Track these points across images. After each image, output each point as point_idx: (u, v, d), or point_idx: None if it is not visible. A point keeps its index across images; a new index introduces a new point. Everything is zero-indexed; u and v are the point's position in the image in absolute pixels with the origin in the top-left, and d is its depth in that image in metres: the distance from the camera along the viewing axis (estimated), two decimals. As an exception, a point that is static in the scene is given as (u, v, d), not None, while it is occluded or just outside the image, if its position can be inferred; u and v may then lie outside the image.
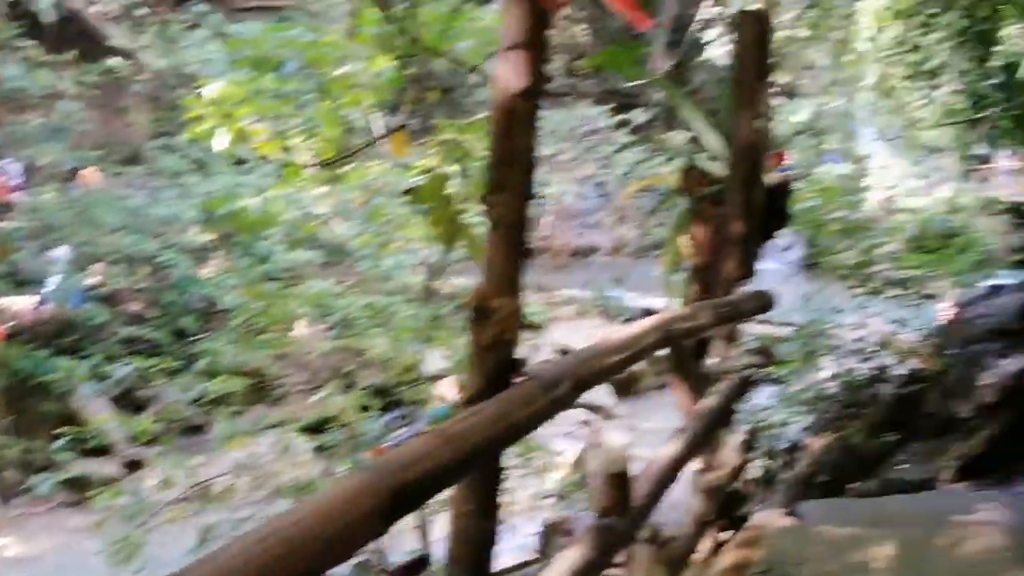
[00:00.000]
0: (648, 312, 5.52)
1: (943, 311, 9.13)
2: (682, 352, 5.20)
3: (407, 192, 6.50)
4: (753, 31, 4.91)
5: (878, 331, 9.42)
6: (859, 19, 12.84)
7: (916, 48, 11.15)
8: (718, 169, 5.31)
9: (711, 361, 5.16)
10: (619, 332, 3.03)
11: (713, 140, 5.54)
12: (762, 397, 8.94)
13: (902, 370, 8.47)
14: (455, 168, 5.82)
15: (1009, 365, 7.23)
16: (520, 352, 2.36)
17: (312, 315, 13.63)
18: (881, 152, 22.93)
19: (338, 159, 8.08)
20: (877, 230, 10.94)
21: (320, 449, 10.81)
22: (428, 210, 5.71)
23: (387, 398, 12.10)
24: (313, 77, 7.67)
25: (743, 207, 5.08)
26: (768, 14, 5.04)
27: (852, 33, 13.22)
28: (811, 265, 10.19)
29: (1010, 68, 9.96)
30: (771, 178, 5.34)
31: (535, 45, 2.08)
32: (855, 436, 7.53)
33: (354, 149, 7.60)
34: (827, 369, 9.04)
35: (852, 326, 9.59)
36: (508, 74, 2.10)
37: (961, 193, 22.15)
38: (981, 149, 14.74)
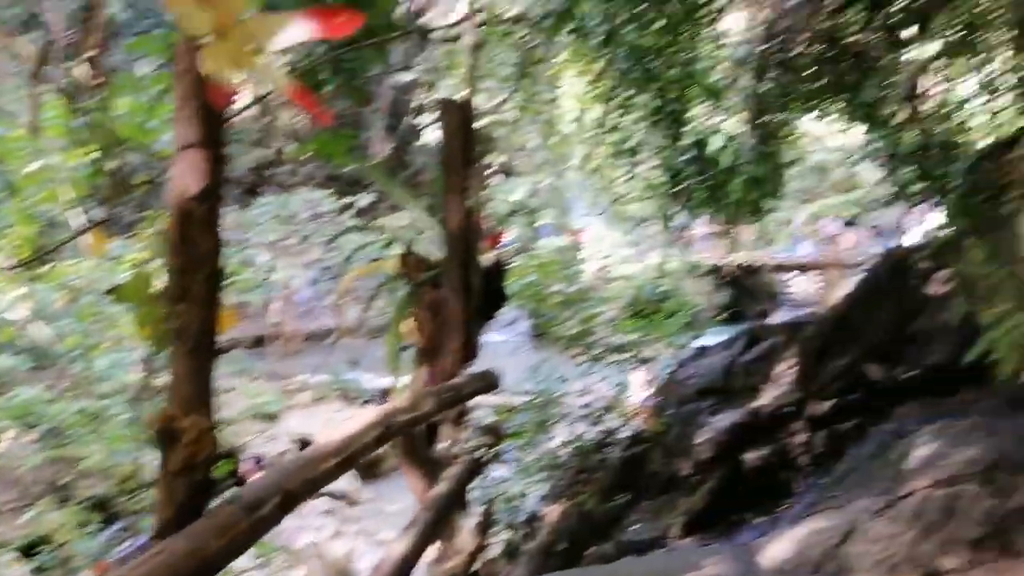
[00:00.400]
0: (386, 393, 5.44)
1: (639, 381, 9.61)
2: (412, 439, 5.10)
3: (111, 291, 6.05)
4: (456, 118, 4.98)
5: (603, 396, 9.79)
6: (563, 103, 13.54)
7: (616, 128, 11.82)
8: (435, 253, 5.31)
9: (441, 445, 5.11)
10: (333, 434, 2.87)
11: (429, 224, 5.56)
12: (501, 470, 9.03)
13: (627, 432, 8.85)
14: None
15: (720, 421, 7.70)
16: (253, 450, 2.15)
17: (19, 425, 12.37)
18: (594, 225, 24.34)
19: (34, 258, 7.44)
20: (595, 299, 11.42)
21: (37, 571, 9.83)
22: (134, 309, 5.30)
23: (108, 510, 11.19)
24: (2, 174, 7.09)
25: (461, 290, 5.10)
26: (470, 101, 5.14)
27: (557, 116, 13.90)
28: (538, 336, 10.42)
29: (700, 144, 10.77)
30: (487, 259, 5.41)
31: (211, 144, 1.94)
32: (589, 501, 7.71)
33: (51, 247, 7.03)
34: (559, 436, 9.27)
35: (579, 393, 9.92)
36: (183, 176, 1.95)
37: (668, 259, 23.79)
38: (682, 218, 15.79)
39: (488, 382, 5.28)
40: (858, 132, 12.00)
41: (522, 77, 10.80)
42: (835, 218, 31.28)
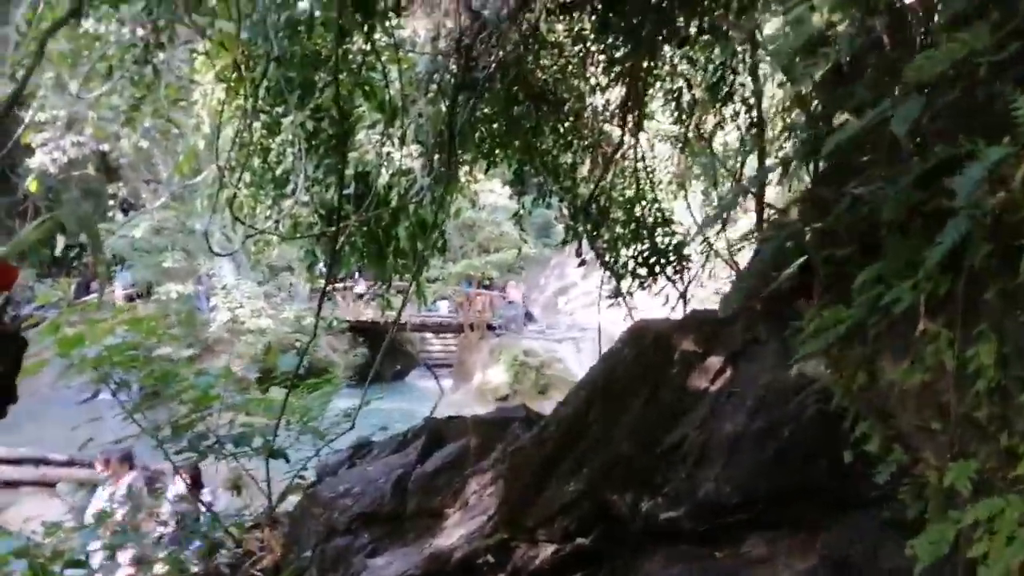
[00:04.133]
0: None
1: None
2: None
3: None
4: None
5: (220, 512, 6.79)
6: (200, 115, 10.44)
7: (263, 150, 9.02)
8: None
9: None
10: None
11: None
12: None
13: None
14: None
15: (384, 569, 4.94)
16: None
17: None
18: (227, 269, 20.69)
19: None
20: (214, 369, 8.26)
21: None
22: None
23: None
24: None
25: None
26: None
27: (191, 130, 10.82)
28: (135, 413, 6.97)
29: (364, 177, 8.24)
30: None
31: None
32: None
33: None
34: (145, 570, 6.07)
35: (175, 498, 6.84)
36: None
37: (308, 313, 20.75)
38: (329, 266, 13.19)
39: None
40: (507, 191, 10.09)
41: (137, 63, 7.57)
42: (476, 278, 30.38)
